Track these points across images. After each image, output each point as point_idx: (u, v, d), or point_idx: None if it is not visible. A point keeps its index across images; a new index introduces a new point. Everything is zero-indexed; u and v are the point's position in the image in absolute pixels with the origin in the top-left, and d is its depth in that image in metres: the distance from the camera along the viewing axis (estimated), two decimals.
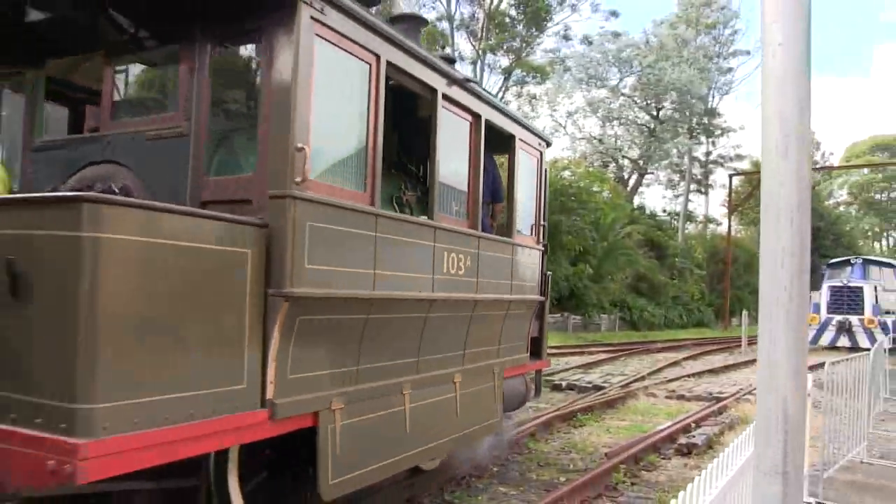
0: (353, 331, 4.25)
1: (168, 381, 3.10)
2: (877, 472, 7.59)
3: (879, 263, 27.38)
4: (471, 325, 5.68)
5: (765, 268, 1.70)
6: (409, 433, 4.85)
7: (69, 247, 2.79)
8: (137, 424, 2.94)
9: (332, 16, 3.93)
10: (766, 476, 1.65)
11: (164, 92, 4.40)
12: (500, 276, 6.20)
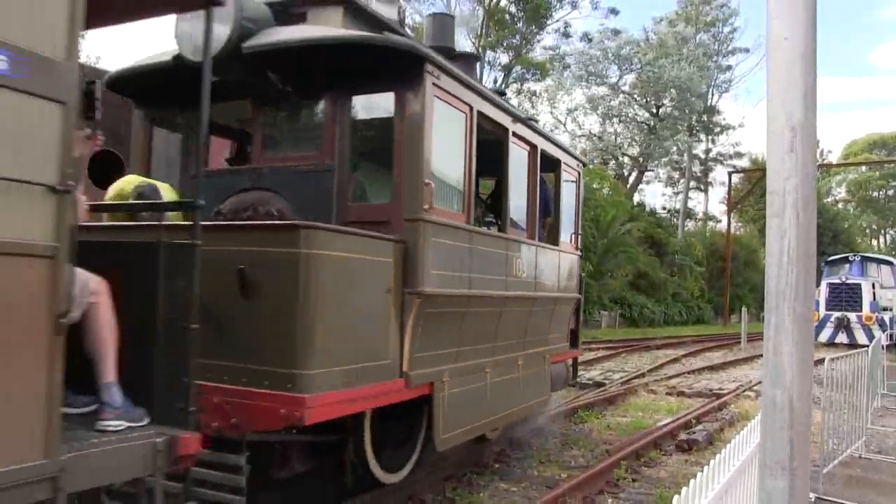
0: (455, 321, 5.46)
1: (348, 356, 4.30)
2: (875, 467, 7.62)
3: (877, 261, 27.41)
4: (529, 318, 6.94)
5: (771, 262, 1.70)
6: (489, 403, 6.11)
7: (290, 260, 3.93)
8: (334, 386, 4.13)
9: (444, 80, 5.16)
10: (772, 471, 1.65)
11: (312, 134, 5.47)
12: (550, 277, 7.52)
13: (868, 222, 71.47)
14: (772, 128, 1.76)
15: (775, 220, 1.68)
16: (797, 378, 1.62)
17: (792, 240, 1.64)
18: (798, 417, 1.63)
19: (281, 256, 3.98)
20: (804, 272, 1.64)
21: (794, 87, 1.74)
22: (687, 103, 39.37)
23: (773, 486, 1.64)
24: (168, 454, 3.14)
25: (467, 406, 5.71)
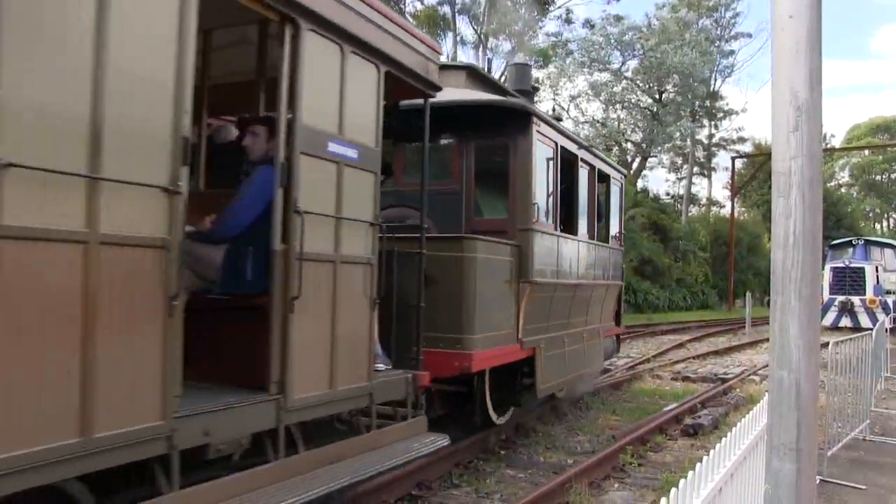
0: (547, 303, 7.44)
1: (491, 325, 6.30)
2: (878, 449, 7.64)
3: (880, 244, 27.37)
4: (590, 301, 8.99)
5: (776, 243, 1.69)
6: (565, 366, 8.01)
7: (459, 260, 5.99)
8: (484, 346, 6.14)
9: (542, 126, 7.22)
10: (779, 452, 1.65)
11: (444, 165, 7.35)
12: (603, 268, 9.62)
13: (871, 206, 71.23)
14: (777, 107, 1.74)
15: (781, 201, 1.67)
16: (804, 359, 1.62)
17: (798, 220, 1.63)
18: (805, 398, 1.62)
19: (453, 258, 6.01)
20: (810, 253, 1.63)
21: (800, 66, 1.72)
22: (690, 89, 39.16)
23: (780, 468, 1.64)
24: (413, 384, 5.14)
25: (554, 367, 7.64)
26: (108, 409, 2.86)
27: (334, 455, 4.28)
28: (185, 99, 3.12)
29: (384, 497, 5.46)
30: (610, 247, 10.01)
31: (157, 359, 3.13)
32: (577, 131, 39.25)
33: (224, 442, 3.57)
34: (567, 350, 8.03)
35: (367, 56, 4.55)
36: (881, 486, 6.26)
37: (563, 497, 5.68)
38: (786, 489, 1.63)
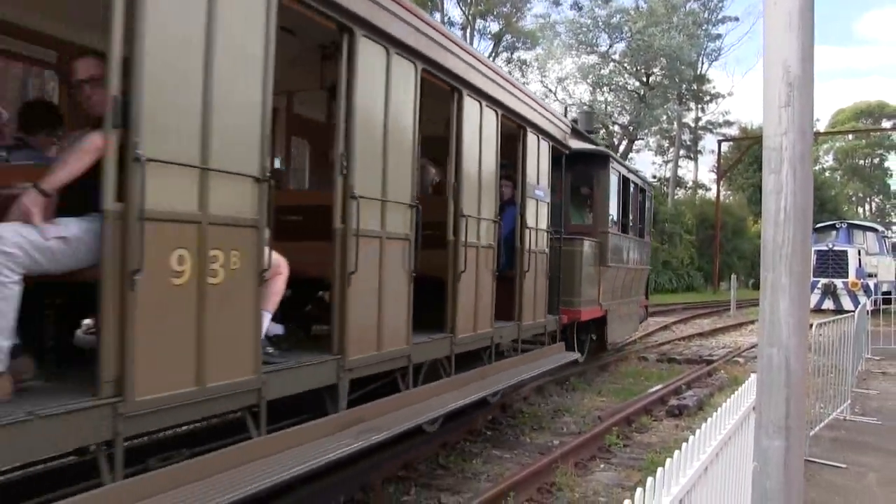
0: (613, 280, 11.20)
1: (588, 293, 10.21)
2: (859, 429, 7.74)
3: (863, 228, 27.61)
4: (633, 279, 12.92)
5: (767, 219, 1.67)
6: (621, 326, 12.13)
7: (575, 252, 9.85)
8: (585, 306, 10.14)
9: (614, 163, 11.18)
10: (768, 430, 1.64)
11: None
12: (640, 256, 13.44)
13: (854, 190, 71.83)
14: (769, 83, 1.72)
15: (772, 177, 1.65)
16: (794, 336, 1.61)
17: (789, 196, 1.61)
18: (794, 376, 1.61)
19: (573, 249, 9.83)
20: (801, 229, 1.61)
21: (792, 41, 1.69)
22: (677, 72, 39.09)
23: (769, 445, 1.63)
24: (558, 323, 8.84)
25: (616, 325, 11.78)
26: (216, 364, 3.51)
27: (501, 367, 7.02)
28: (268, 110, 3.85)
29: (372, 478, 5.46)
30: (645, 241, 14.01)
31: (252, 322, 3.76)
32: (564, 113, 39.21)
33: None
34: (619, 314, 11.95)
35: (545, 138, 8.34)
36: (861, 465, 6.34)
37: (550, 477, 5.71)
38: (774, 466, 1.62)
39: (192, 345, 3.39)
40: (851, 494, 5.55)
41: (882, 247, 27.11)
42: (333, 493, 5.08)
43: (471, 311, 6.36)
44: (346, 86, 4.62)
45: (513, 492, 5.14)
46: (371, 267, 4.88)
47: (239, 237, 3.63)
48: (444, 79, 5.79)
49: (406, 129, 5.33)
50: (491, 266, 6.77)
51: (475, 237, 6.37)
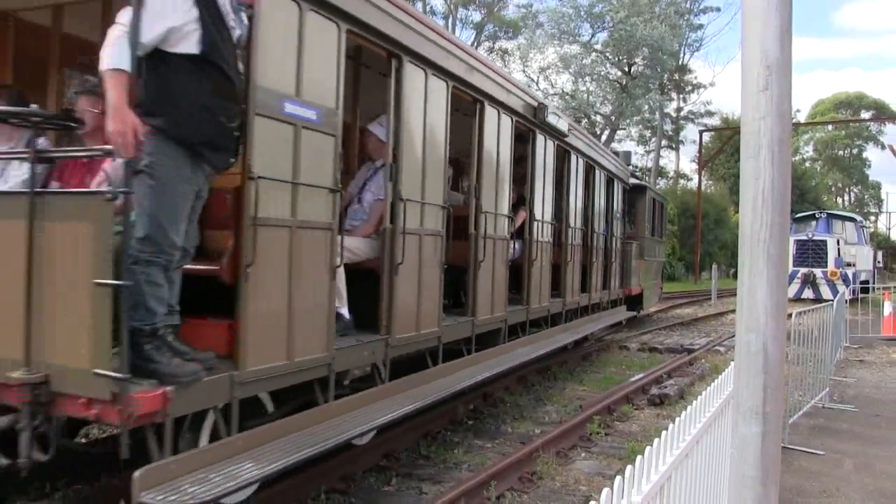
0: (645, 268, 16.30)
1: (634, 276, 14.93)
2: (836, 417, 7.84)
3: (842, 218, 27.94)
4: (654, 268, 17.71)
5: (745, 205, 1.66)
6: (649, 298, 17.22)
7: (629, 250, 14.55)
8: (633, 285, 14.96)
9: (649, 191, 16.69)
10: (746, 417, 1.63)
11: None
12: (659, 251, 18.84)
13: (834, 180, 72.62)
14: (746, 67, 1.70)
15: (750, 162, 1.63)
16: (771, 322, 1.59)
17: (766, 181, 1.60)
18: (772, 362, 1.60)
19: (628, 248, 14.46)
20: (779, 214, 1.60)
21: (770, 24, 1.67)
22: (659, 62, 39.18)
23: (747, 432, 1.63)
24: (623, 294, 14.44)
25: (647, 299, 16.71)
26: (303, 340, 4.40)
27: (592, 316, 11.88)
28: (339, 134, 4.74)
29: (351, 467, 5.44)
30: (661, 241, 19.46)
31: (326, 306, 4.67)
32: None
33: (357, 367, 5.19)
34: (650, 291, 16.83)
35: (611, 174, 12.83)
36: (837, 452, 6.42)
37: (531, 466, 5.72)
38: (752, 453, 1.61)
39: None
40: (828, 480, 5.61)
41: (860, 236, 27.46)
42: (314, 483, 5.06)
43: (490, 295, 7.46)
44: (394, 104, 5.47)
45: (494, 481, 5.14)
46: (413, 259, 5.72)
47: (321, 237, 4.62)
48: (469, 93, 6.74)
49: (439, 139, 6.21)
50: (506, 256, 7.84)
51: (493, 230, 7.42)
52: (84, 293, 3.28)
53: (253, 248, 3.92)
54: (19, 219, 3.43)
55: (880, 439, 6.95)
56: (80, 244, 3.32)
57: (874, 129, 67.97)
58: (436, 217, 6.20)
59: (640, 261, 15.28)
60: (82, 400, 3.31)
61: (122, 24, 3.37)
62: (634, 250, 14.76)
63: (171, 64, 3.50)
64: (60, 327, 3.37)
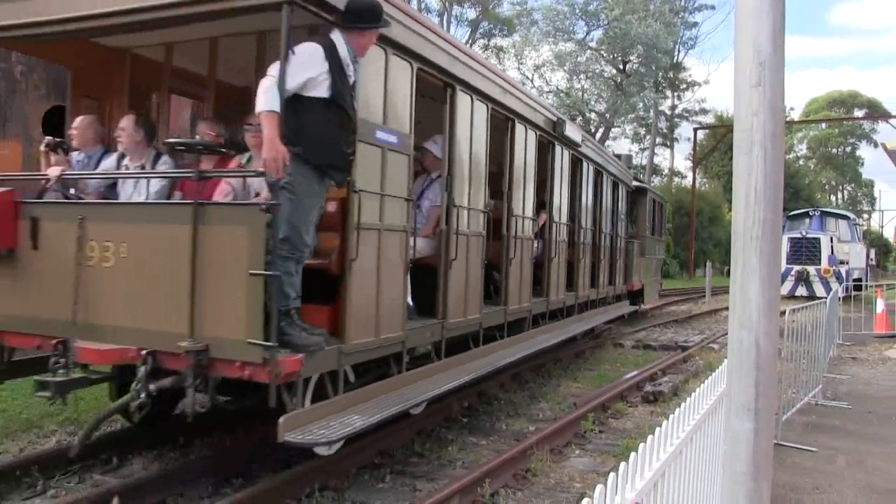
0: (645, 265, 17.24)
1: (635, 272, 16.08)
2: (830, 413, 7.86)
3: (835, 215, 28.03)
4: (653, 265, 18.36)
5: (738, 201, 1.66)
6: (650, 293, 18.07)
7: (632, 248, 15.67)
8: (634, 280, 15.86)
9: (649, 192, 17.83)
10: (738, 413, 1.63)
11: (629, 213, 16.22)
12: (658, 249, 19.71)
13: (827, 178, 72.85)
14: (739, 63, 1.69)
15: (743, 158, 1.63)
16: (764, 318, 1.60)
17: (759, 177, 1.60)
18: (764, 358, 1.60)
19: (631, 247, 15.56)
20: (772, 210, 1.60)
21: (763, 20, 1.67)
22: (653, 60, 39.20)
23: (739, 428, 1.63)
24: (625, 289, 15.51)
25: (647, 294, 17.45)
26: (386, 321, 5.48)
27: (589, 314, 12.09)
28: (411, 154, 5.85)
29: (346, 465, 5.43)
30: (661, 239, 20.27)
31: (401, 294, 5.68)
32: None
33: (421, 345, 6.28)
34: (650, 286, 17.64)
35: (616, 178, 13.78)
36: (830, 448, 6.44)
37: (525, 463, 5.72)
38: (744, 449, 1.62)
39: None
40: (821, 476, 5.63)
41: (853, 234, 27.55)
42: (309, 480, 5.05)
43: (519, 287, 8.39)
44: (449, 126, 6.47)
45: (488, 478, 5.14)
46: (462, 256, 6.73)
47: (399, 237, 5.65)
48: (503, 112, 7.72)
49: (482, 153, 7.20)
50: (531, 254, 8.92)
51: (521, 231, 8.41)
52: (241, 281, 4.22)
53: (356, 247, 4.97)
54: (186, 224, 4.39)
55: (873, 436, 6.97)
56: (238, 243, 4.26)
57: (867, 127, 68.21)
58: (479, 220, 7.23)
59: (641, 258, 16.32)
60: (237, 364, 4.25)
61: (272, 76, 4.34)
62: (636, 248, 15.82)
63: (307, 105, 4.48)
64: (219, 307, 4.33)
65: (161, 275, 4.54)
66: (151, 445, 5.95)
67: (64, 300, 4.82)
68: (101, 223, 4.82)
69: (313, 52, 4.51)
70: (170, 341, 4.38)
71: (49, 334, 4.80)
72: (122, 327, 4.67)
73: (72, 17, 4.92)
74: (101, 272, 4.75)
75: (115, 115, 6.21)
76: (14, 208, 5.12)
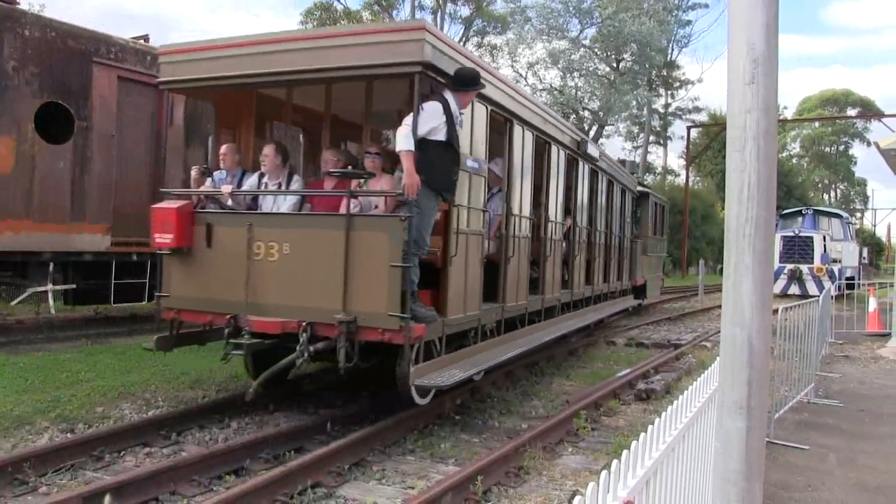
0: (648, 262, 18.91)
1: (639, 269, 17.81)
2: (821, 411, 7.88)
3: (828, 214, 28.14)
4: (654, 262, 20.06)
5: (731, 198, 1.65)
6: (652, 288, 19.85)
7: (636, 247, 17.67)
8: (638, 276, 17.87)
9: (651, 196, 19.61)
10: (731, 411, 1.63)
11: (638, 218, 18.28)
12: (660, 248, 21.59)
13: (820, 177, 73.13)
14: (733, 60, 1.69)
15: (736, 155, 1.62)
16: (757, 315, 1.59)
17: (752, 174, 1.59)
18: (757, 356, 1.60)
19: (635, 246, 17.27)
20: (765, 207, 1.59)
21: (756, 18, 1.67)
22: (647, 58, 39.26)
23: (731, 426, 1.62)
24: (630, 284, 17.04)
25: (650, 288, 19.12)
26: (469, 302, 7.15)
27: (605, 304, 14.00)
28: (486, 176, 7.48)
29: (338, 462, 5.42)
30: (662, 239, 21.62)
31: (478, 282, 7.28)
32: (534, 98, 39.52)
33: (488, 322, 7.84)
34: (652, 282, 19.08)
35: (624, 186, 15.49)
36: (822, 446, 6.46)
37: (518, 461, 5.72)
38: (736, 448, 1.61)
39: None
40: (812, 475, 5.65)
41: (846, 233, 27.66)
42: (301, 476, 5.04)
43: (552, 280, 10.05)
44: (508, 151, 8.11)
45: (481, 475, 5.13)
46: (516, 254, 8.31)
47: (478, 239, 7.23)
48: (543, 138, 9.29)
49: (529, 171, 8.79)
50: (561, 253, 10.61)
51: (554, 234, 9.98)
52: (384, 270, 5.89)
53: (455, 247, 6.60)
54: (340, 230, 6.07)
55: (864, 434, 7.00)
56: (382, 243, 5.94)
57: (860, 126, 68.50)
58: (527, 225, 8.81)
59: (644, 256, 18.04)
60: (379, 331, 5.90)
61: (408, 125, 6.00)
62: (640, 248, 17.65)
63: (430, 146, 6.08)
64: (366, 289, 5.97)
65: (319, 266, 6.17)
66: (143, 442, 5.95)
67: (235, 286, 6.50)
68: (266, 228, 6.47)
69: (435, 108, 6.15)
70: (325, 315, 5.99)
71: (222, 312, 6.48)
72: (283, 305, 6.28)
73: (253, 73, 6.64)
74: (266, 264, 6.41)
75: (244, 141, 8.03)
76: (192, 216, 6.81)
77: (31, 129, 10.01)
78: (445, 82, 6.29)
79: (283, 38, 6.58)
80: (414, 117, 5.97)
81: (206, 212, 6.92)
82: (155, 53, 10.75)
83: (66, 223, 10.42)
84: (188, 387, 7.96)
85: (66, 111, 10.41)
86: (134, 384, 7.82)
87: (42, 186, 10.14)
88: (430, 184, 6.05)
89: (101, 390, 7.47)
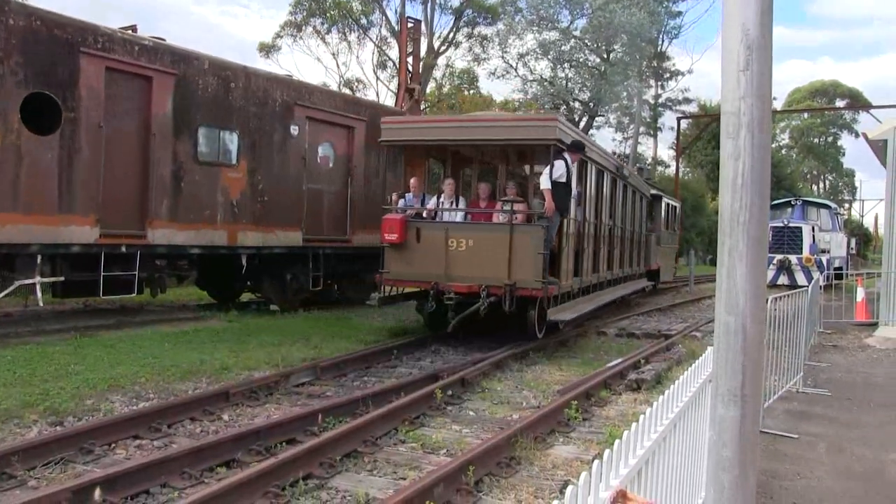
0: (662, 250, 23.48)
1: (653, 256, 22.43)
2: (810, 400, 7.94)
3: (817, 205, 28.29)
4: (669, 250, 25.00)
5: (725, 186, 1.64)
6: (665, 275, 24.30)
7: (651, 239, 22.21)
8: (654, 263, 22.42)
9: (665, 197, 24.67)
10: (724, 399, 1.62)
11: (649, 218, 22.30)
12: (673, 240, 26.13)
13: (809, 168, 73.47)
14: (727, 46, 1.68)
15: (730, 142, 1.61)
16: (751, 302, 1.58)
17: (746, 161, 1.58)
18: (751, 343, 1.59)
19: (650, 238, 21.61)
20: (759, 194, 1.58)
21: (751, 3, 1.65)
22: (637, 49, 39.12)
23: (725, 414, 1.62)
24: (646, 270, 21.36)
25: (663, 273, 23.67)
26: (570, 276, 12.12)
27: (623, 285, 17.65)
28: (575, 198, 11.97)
29: (329, 454, 5.41)
30: (674, 233, 24.90)
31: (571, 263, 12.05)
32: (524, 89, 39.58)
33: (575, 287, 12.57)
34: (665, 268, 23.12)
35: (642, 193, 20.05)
36: (811, 435, 6.51)
37: (509, 451, 5.72)
38: (730, 435, 1.61)
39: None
40: (802, 463, 5.69)
41: (834, 223, 27.82)
42: (293, 468, 5.03)
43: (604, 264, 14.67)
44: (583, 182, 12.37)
45: (472, 466, 5.13)
46: (589, 247, 12.50)
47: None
48: (601, 168, 13.63)
49: (594, 192, 13.20)
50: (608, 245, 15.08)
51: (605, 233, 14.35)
52: (532, 256, 10.25)
53: (567, 243, 11.20)
54: (506, 233, 10.43)
55: (852, 422, 7.06)
56: (531, 241, 10.34)
57: (848, 117, 68.82)
58: (593, 228, 13.21)
59: (658, 247, 21.90)
60: (528, 290, 10.21)
61: (546, 174, 10.57)
62: (654, 240, 21.57)
63: (558, 186, 10.52)
64: (522, 266, 10.25)
65: (492, 253, 10.38)
66: (134, 435, 5.93)
67: (437, 265, 10.64)
68: (457, 231, 10.79)
69: (561, 164, 10.57)
70: (496, 281, 10.21)
71: (427, 280, 10.63)
72: (469, 276, 10.42)
73: (450, 139, 11.76)
74: (458, 252, 10.61)
75: (418, 174, 12.66)
76: (405, 223, 11.00)
77: (18, 119, 9.89)
78: (564, 148, 10.72)
79: (470, 119, 12.51)
80: (549, 168, 10.54)
81: (415, 220, 11.28)
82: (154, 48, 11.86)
83: (53, 215, 10.32)
84: (178, 379, 7.94)
85: (53, 102, 10.30)
86: (123, 376, 7.78)
87: (29, 178, 10.04)
88: (558, 207, 10.54)
89: (91, 383, 7.42)
